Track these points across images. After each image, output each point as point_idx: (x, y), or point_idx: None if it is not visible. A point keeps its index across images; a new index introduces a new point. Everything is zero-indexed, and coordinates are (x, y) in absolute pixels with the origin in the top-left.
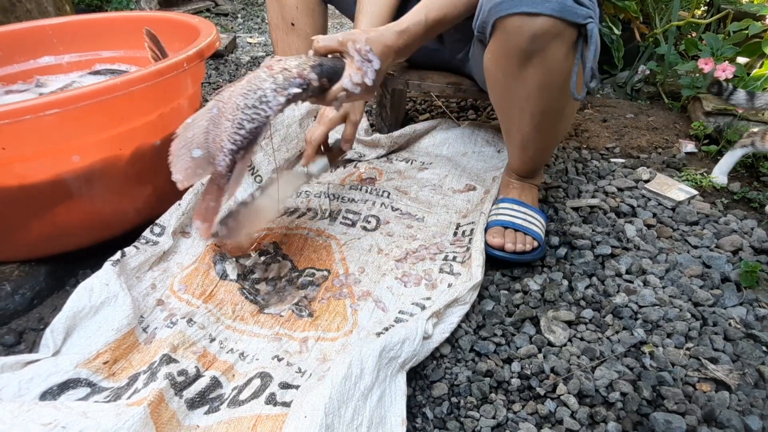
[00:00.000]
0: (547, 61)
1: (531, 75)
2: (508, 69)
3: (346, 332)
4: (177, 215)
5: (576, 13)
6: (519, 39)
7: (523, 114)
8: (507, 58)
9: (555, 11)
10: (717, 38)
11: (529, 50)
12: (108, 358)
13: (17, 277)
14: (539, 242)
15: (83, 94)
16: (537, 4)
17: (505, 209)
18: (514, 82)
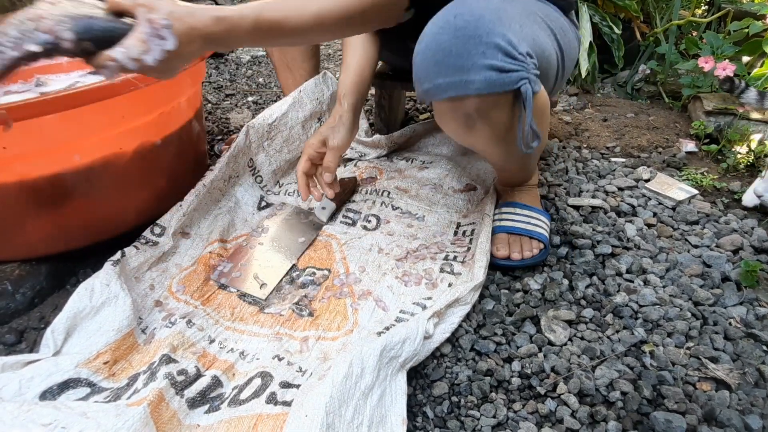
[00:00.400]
0: (493, 124)
1: (480, 134)
2: (457, 131)
3: (346, 331)
4: (178, 216)
5: (504, 83)
6: (456, 116)
7: (488, 153)
8: (452, 126)
9: (482, 89)
10: (717, 37)
11: (470, 120)
12: (108, 359)
13: (18, 277)
14: (544, 244)
15: (84, 94)
16: (462, 87)
17: (507, 213)
18: (467, 139)
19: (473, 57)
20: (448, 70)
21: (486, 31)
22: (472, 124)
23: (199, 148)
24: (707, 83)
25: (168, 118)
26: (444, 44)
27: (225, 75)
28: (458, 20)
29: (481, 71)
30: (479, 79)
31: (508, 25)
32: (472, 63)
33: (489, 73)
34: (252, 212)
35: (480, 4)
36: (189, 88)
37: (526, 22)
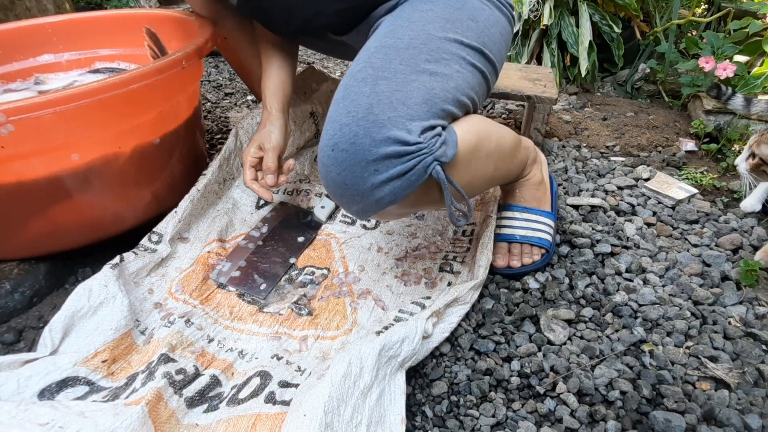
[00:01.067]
0: (434, 202)
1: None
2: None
3: (345, 331)
4: (173, 223)
5: (411, 182)
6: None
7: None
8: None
9: (394, 201)
10: (717, 36)
11: (414, 210)
12: (107, 357)
13: (17, 276)
14: (546, 248)
15: (83, 92)
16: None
17: (508, 219)
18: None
19: (367, 179)
20: (355, 199)
21: (366, 147)
22: (417, 209)
23: (198, 147)
24: (707, 83)
25: (166, 117)
26: (337, 180)
27: (224, 74)
28: (336, 153)
29: (382, 187)
30: (385, 194)
31: (389, 113)
32: (370, 185)
33: (391, 185)
34: (250, 212)
35: (352, 105)
36: (187, 87)
37: (411, 81)
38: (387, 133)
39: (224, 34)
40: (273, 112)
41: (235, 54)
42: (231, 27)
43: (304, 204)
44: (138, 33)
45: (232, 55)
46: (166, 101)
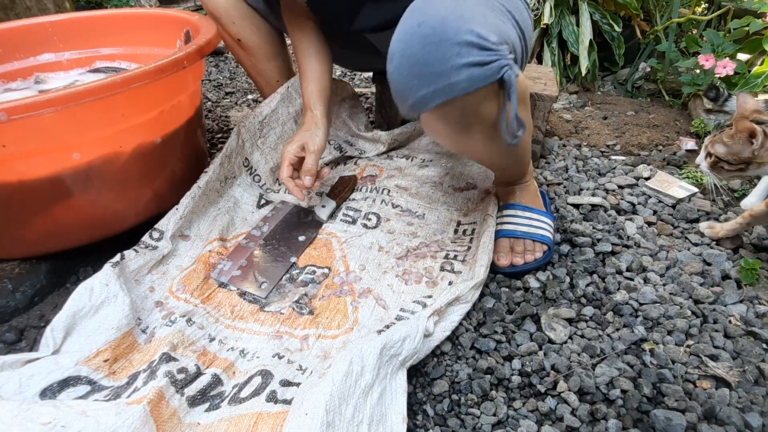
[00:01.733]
0: (484, 120)
1: (475, 135)
2: (451, 139)
3: (346, 330)
4: (175, 219)
5: (487, 75)
6: (448, 123)
7: (483, 155)
8: (445, 134)
9: (468, 88)
10: (718, 35)
11: (461, 126)
12: (108, 357)
13: (18, 275)
14: (548, 245)
15: (84, 91)
16: (447, 91)
17: (509, 216)
18: (462, 145)
19: (450, 59)
20: (429, 80)
21: (453, 31)
22: (465, 126)
23: (200, 146)
24: (707, 81)
25: (168, 116)
26: (416, 56)
27: (225, 73)
28: (423, 29)
29: (461, 71)
30: (462, 78)
31: (472, 19)
32: (451, 65)
33: (470, 71)
34: (252, 211)
35: (437, 5)
36: (189, 87)
37: (486, 12)
38: (472, 27)
39: (239, 36)
40: (318, 116)
41: (249, 56)
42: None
43: (305, 203)
44: (138, 32)
45: (247, 58)
46: (167, 101)
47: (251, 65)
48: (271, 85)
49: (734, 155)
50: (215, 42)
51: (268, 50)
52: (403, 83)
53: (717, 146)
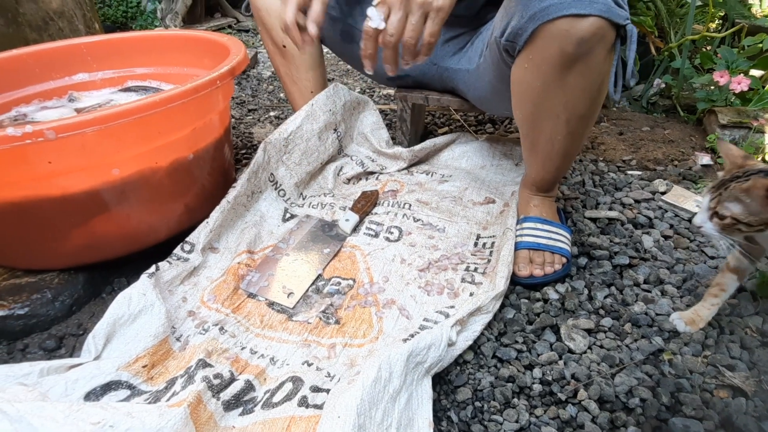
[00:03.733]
0: (590, 64)
1: (573, 79)
2: (549, 76)
3: (372, 339)
4: (205, 233)
5: (618, 15)
6: (565, 43)
7: (558, 121)
8: (549, 65)
9: (602, 12)
10: (732, 52)
11: (574, 54)
12: (147, 362)
13: (57, 285)
14: (567, 258)
15: (126, 111)
16: (585, 5)
17: (529, 229)
18: (554, 90)
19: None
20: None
21: None
22: (573, 63)
23: (228, 162)
24: (722, 97)
25: (200, 133)
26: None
27: (247, 90)
28: None
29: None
30: (602, 1)
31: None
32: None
33: (609, 2)
34: (277, 224)
35: None
36: (220, 105)
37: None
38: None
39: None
40: None
41: (288, 64)
42: None
43: (329, 217)
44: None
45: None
46: (200, 118)
47: (288, 74)
48: (304, 96)
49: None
50: (245, 62)
51: (308, 60)
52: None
53: (730, 205)
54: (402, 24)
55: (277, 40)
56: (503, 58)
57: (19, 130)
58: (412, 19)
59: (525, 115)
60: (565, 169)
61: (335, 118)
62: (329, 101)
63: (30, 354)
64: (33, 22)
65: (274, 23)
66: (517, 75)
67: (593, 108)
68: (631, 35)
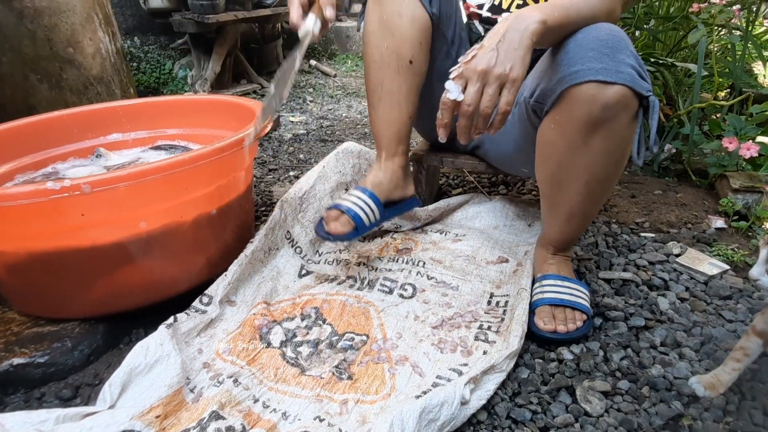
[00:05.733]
0: (614, 129)
1: (596, 143)
2: (574, 136)
3: (384, 395)
4: (223, 285)
5: (642, 86)
6: (591, 107)
7: (579, 183)
8: (574, 127)
9: (628, 81)
10: (740, 119)
11: (599, 119)
12: (160, 413)
13: (78, 334)
14: (588, 315)
15: (156, 168)
16: (612, 74)
17: (549, 286)
18: (577, 151)
19: (624, 54)
20: (603, 58)
21: (628, 44)
22: (597, 127)
23: (248, 218)
24: (732, 162)
25: (224, 190)
26: (601, 38)
27: (268, 151)
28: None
29: (628, 68)
30: (627, 72)
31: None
32: (623, 59)
33: (633, 72)
34: (293, 280)
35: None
36: (245, 163)
37: None
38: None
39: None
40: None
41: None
42: None
43: (344, 274)
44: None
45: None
46: (224, 176)
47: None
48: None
49: None
50: (269, 125)
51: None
52: (580, 53)
53: None
54: (479, 95)
55: (404, 53)
56: (530, 118)
57: (57, 183)
58: (489, 90)
59: (547, 175)
60: (582, 230)
61: (345, 179)
62: (339, 164)
63: (46, 403)
64: (74, 86)
65: (406, 35)
66: (543, 134)
67: (614, 172)
68: (653, 106)
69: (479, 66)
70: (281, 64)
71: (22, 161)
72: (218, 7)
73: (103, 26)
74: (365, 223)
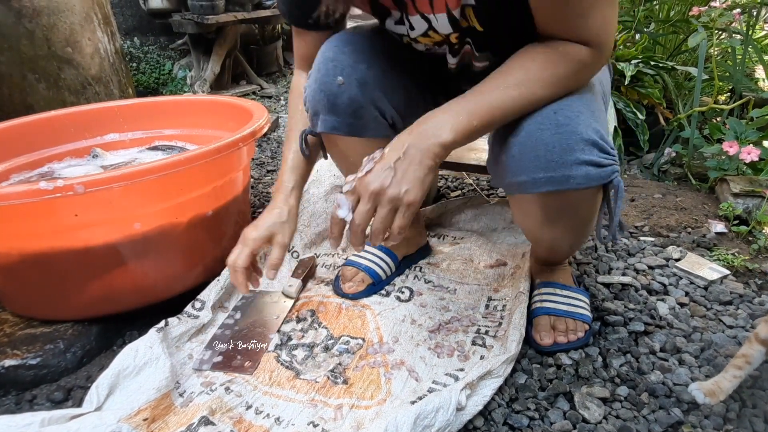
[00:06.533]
0: (577, 217)
1: (559, 228)
2: (535, 224)
3: (379, 401)
4: (216, 290)
5: (600, 176)
6: (545, 210)
7: (553, 242)
8: (533, 220)
9: (581, 184)
10: (740, 123)
11: (556, 216)
12: (147, 416)
13: (71, 336)
14: (588, 324)
15: (151, 169)
16: (562, 181)
17: (548, 294)
18: (542, 230)
19: (574, 153)
20: (549, 165)
21: (584, 127)
22: (556, 218)
23: (244, 220)
24: (733, 166)
25: (220, 191)
26: (546, 140)
27: (267, 152)
28: (559, 116)
29: (580, 167)
30: (579, 174)
31: (598, 119)
32: (574, 158)
33: (588, 168)
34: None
35: (575, 99)
36: (241, 164)
37: (602, 110)
38: (597, 127)
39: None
40: (292, 203)
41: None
42: None
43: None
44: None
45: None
46: (221, 177)
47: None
48: None
49: None
50: (266, 126)
51: None
52: (523, 160)
53: None
54: (369, 215)
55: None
56: None
57: (50, 184)
58: (381, 211)
59: (524, 229)
60: (567, 256)
61: (340, 182)
62: (333, 167)
63: (37, 405)
64: (72, 86)
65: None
66: (513, 213)
67: (589, 230)
68: (618, 189)
69: (372, 185)
70: None
71: (18, 161)
72: (218, 7)
73: (102, 26)
74: (382, 278)
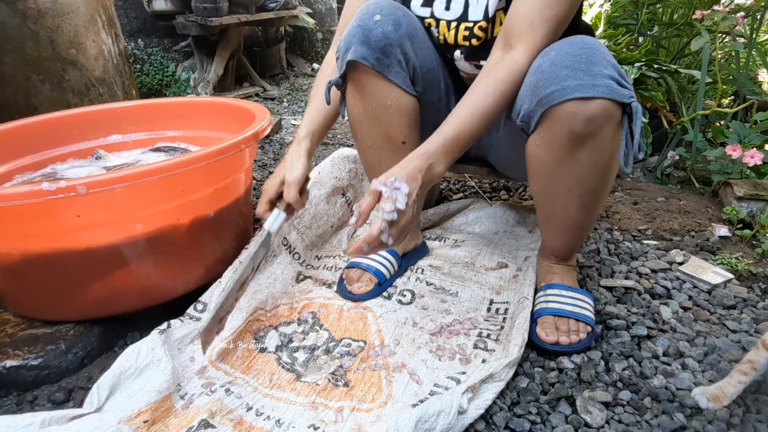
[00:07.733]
0: (599, 142)
1: (583, 157)
2: (559, 153)
3: (380, 404)
4: (218, 292)
5: (622, 94)
6: (573, 124)
7: (570, 195)
8: (559, 143)
9: (606, 94)
10: (744, 126)
11: (582, 134)
12: (148, 418)
13: (72, 337)
14: (592, 326)
15: (153, 170)
16: (589, 89)
17: (553, 296)
18: (564, 166)
19: (599, 66)
20: (578, 74)
21: (605, 53)
22: (581, 142)
23: (246, 222)
24: (736, 170)
25: (222, 193)
26: (574, 53)
27: (269, 154)
28: (584, 40)
29: (605, 79)
30: (605, 84)
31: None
32: (599, 71)
33: (611, 82)
34: (291, 285)
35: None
36: (244, 166)
37: None
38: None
39: None
40: (302, 150)
41: None
42: None
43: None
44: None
45: None
46: (223, 179)
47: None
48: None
49: None
50: (269, 127)
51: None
52: (553, 72)
53: None
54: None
55: (396, 136)
56: (515, 136)
57: (53, 185)
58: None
59: (539, 189)
60: (581, 240)
61: (342, 184)
62: (335, 169)
63: (38, 406)
64: (76, 87)
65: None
66: (530, 150)
67: (605, 182)
68: (636, 111)
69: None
70: (241, 262)
71: (22, 161)
72: (221, 10)
73: (107, 28)
74: (387, 278)
